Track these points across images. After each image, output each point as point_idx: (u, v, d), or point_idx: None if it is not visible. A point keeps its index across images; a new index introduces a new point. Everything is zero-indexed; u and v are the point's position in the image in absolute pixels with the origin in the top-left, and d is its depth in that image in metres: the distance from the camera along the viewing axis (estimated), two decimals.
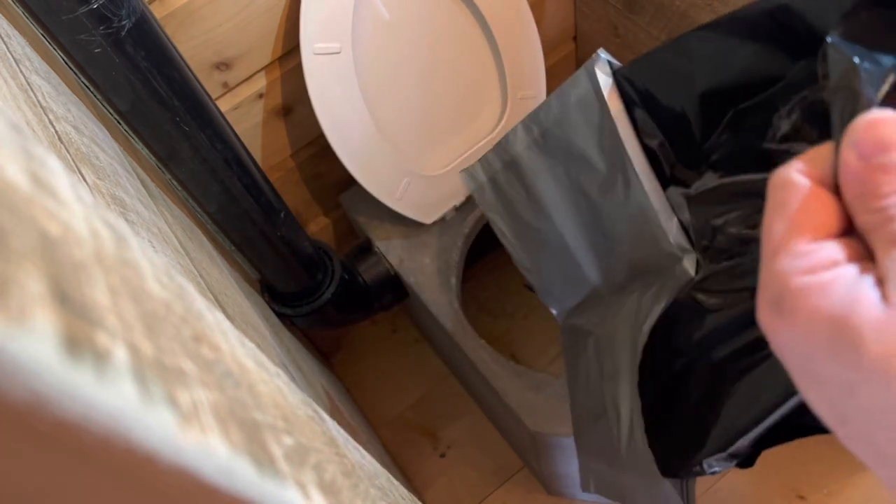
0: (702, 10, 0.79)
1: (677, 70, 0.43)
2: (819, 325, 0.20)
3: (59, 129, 0.30)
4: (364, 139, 0.79)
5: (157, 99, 0.50)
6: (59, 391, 0.09)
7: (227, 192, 0.61)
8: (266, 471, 0.14)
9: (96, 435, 0.10)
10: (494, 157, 0.57)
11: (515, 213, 0.58)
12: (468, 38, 0.85)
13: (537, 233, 0.57)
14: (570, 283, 0.59)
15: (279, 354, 0.54)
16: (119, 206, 0.31)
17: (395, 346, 1.15)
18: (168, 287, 0.15)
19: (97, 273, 0.11)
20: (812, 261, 0.21)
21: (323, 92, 0.74)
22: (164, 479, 0.11)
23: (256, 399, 0.17)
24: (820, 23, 0.34)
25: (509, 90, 0.89)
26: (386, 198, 0.84)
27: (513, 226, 0.59)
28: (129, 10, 0.44)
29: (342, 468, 0.23)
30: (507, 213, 0.59)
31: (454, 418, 1.07)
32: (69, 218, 0.11)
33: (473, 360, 0.81)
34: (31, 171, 0.11)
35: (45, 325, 0.09)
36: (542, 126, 0.52)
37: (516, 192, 0.57)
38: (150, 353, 0.11)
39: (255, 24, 0.72)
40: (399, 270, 0.89)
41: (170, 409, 0.11)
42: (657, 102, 0.45)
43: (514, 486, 1.00)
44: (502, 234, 0.60)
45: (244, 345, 0.20)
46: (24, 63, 0.33)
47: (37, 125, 0.26)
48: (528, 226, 0.58)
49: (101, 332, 0.10)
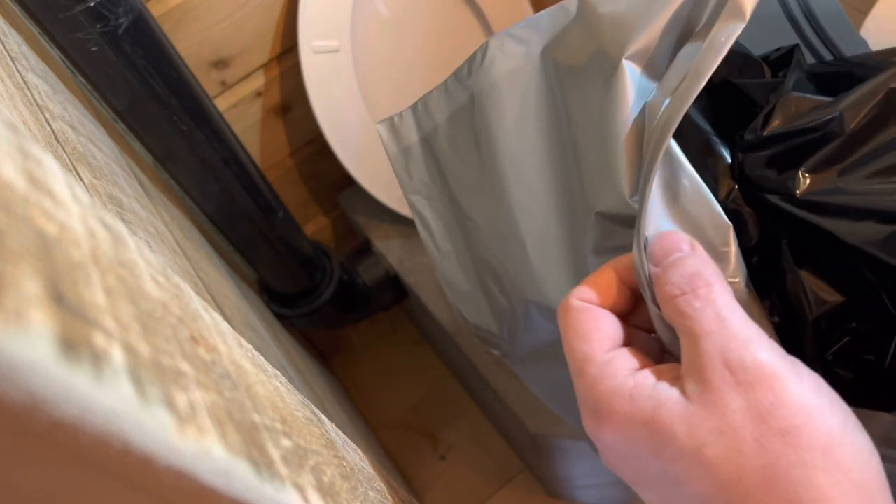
0: None
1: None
2: (635, 426, 0.22)
3: (55, 127, 0.30)
4: (363, 138, 0.79)
5: (155, 97, 0.49)
6: (55, 392, 0.09)
7: (225, 192, 0.61)
8: (264, 473, 0.14)
9: (93, 436, 0.10)
10: (441, 99, 0.42)
11: (453, 194, 0.43)
12: (468, 35, 0.85)
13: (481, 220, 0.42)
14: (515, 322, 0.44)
15: (277, 355, 0.54)
16: (116, 205, 0.31)
17: (394, 347, 1.15)
18: (165, 287, 0.15)
19: (94, 273, 0.11)
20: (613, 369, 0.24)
21: (322, 90, 0.74)
22: (162, 480, 0.11)
23: (254, 401, 0.17)
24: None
25: None
26: (385, 197, 0.84)
27: (445, 216, 0.45)
28: (126, 8, 0.44)
29: (341, 471, 0.23)
30: (440, 194, 0.44)
31: (454, 420, 1.07)
32: (66, 218, 0.11)
33: (474, 361, 0.81)
34: (28, 170, 0.11)
35: (41, 326, 0.09)
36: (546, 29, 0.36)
37: (462, 156, 0.41)
38: (146, 354, 0.11)
39: (253, 21, 0.72)
40: (398, 270, 0.89)
41: (167, 410, 0.11)
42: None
43: (515, 488, 1.00)
44: (426, 231, 0.45)
45: (242, 346, 0.20)
46: (21, 61, 0.33)
47: (33, 124, 0.26)
48: (469, 214, 0.42)
49: (98, 333, 0.10)
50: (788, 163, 0.29)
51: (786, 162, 0.30)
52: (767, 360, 0.21)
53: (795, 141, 0.29)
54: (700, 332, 0.22)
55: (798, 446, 0.20)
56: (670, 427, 0.21)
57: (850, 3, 0.62)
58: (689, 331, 0.23)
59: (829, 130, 0.29)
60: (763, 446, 0.20)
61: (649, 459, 0.22)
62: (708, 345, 0.22)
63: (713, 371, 0.21)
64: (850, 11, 0.62)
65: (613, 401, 0.23)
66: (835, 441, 0.20)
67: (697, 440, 0.21)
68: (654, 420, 0.22)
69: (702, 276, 0.23)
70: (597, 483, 0.90)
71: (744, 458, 0.20)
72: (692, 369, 0.22)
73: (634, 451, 0.23)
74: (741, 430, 0.21)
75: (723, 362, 0.21)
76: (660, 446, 0.22)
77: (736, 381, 0.21)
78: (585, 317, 0.25)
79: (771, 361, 0.21)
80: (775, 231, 0.30)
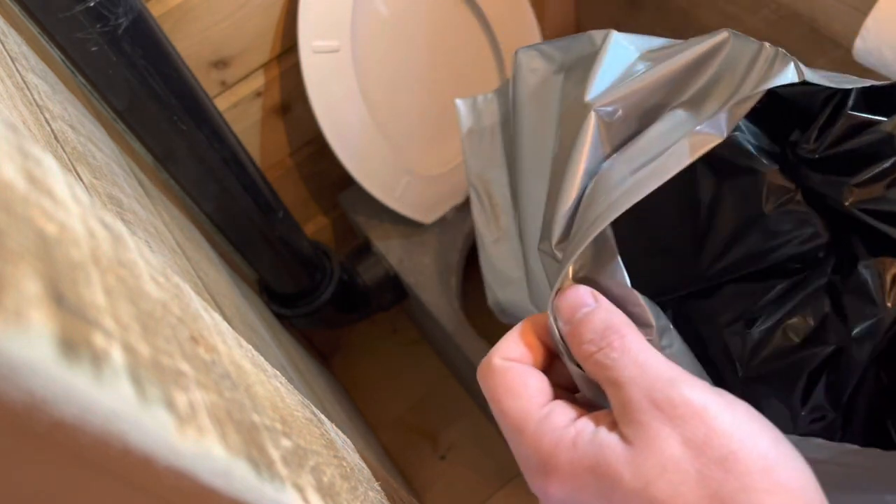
0: (704, 8, 0.79)
1: None
2: (581, 475, 0.23)
3: (55, 127, 0.30)
4: (363, 138, 0.79)
5: (155, 97, 0.49)
6: (55, 392, 0.09)
7: (225, 192, 0.61)
8: (264, 473, 0.14)
9: (93, 436, 0.10)
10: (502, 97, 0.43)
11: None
12: (468, 35, 0.85)
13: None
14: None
15: (277, 355, 0.54)
16: (116, 205, 0.31)
17: (394, 347, 1.15)
18: (165, 287, 0.15)
19: (94, 273, 0.11)
20: (553, 422, 0.24)
21: (322, 90, 0.74)
22: (162, 480, 0.11)
23: (254, 401, 0.17)
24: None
25: None
26: (385, 197, 0.84)
27: (509, 196, 0.45)
28: (126, 8, 0.44)
29: (341, 471, 0.23)
30: (508, 175, 0.45)
31: (454, 420, 1.07)
32: (65, 218, 0.11)
33: (474, 361, 0.81)
34: (28, 170, 0.11)
35: (41, 326, 0.09)
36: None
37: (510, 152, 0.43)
38: (146, 354, 0.11)
39: (253, 21, 0.72)
40: (398, 270, 0.89)
41: (167, 410, 0.11)
42: None
43: (516, 488, 1.00)
44: (483, 213, 0.46)
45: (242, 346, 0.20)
46: (21, 61, 0.33)
47: (33, 124, 0.26)
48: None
49: (98, 333, 0.10)
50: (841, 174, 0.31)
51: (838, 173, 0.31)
52: (693, 395, 0.22)
53: (848, 157, 0.31)
54: (623, 379, 0.23)
55: (738, 472, 0.21)
56: (616, 470, 0.22)
57: (850, 4, 0.62)
58: (612, 381, 0.23)
59: (879, 150, 0.30)
60: (705, 476, 0.21)
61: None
62: (633, 390, 0.23)
63: (644, 412, 0.22)
64: (850, 11, 0.62)
65: (558, 452, 0.23)
66: (772, 462, 0.21)
67: (643, 479, 0.21)
68: (598, 465, 0.22)
69: (612, 328, 0.24)
70: None
71: (689, 491, 0.21)
72: (624, 415, 0.23)
73: (583, 500, 0.23)
74: (682, 463, 0.21)
75: (651, 403, 0.22)
76: (608, 490, 0.22)
77: (667, 418, 0.22)
78: (513, 374, 0.25)
79: (697, 396, 0.22)
80: (841, 229, 0.31)
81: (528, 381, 0.25)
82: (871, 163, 0.30)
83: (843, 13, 0.63)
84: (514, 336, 0.27)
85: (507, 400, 0.25)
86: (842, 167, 0.31)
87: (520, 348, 0.27)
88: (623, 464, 0.22)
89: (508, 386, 0.25)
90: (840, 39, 0.64)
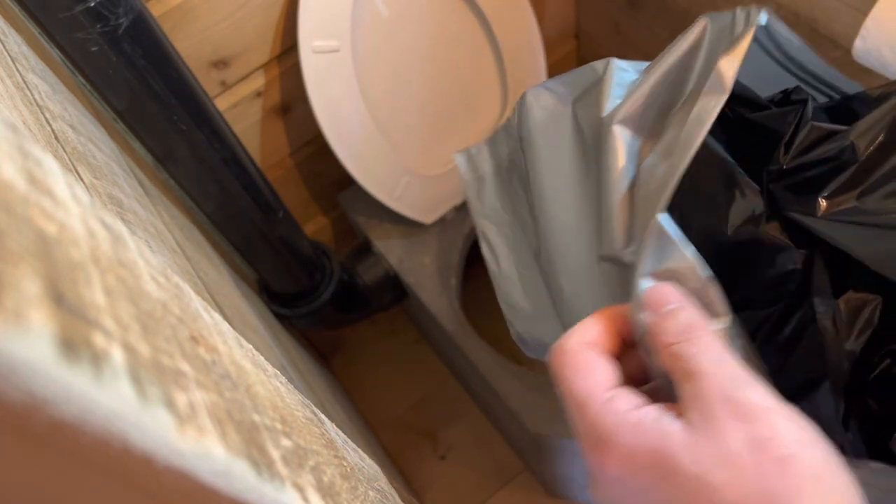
0: (704, 8, 0.79)
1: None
2: (641, 455, 0.24)
3: (55, 127, 0.30)
4: (363, 138, 0.79)
5: (155, 97, 0.49)
6: (55, 392, 0.09)
7: (225, 192, 0.61)
8: (264, 473, 0.14)
9: (93, 436, 0.10)
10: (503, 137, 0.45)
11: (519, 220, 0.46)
12: (468, 35, 0.85)
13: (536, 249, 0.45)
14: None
15: (277, 355, 0.54)
16: (116, 205, 0.31)
17: (394, 348, 1.15)
18: (165, 287, 0.15)
19: (94, 273, 0.11)
20: (617, 405, 0.25)
21: (322, 90, 0.74)
22: (162, 480, 0.11)
23: (254, 401, 0.17)
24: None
25: (510, 88, 0.89)
26: (385, 197, 0.84)
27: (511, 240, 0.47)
28: (126, 8, 0.44)
29: (341, 471, 0.23)
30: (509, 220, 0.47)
31: (454, 420, 1.07)
32: (66, 218, 0.11)
33: (474, 361, 0.81)
34: (28, 170, 0.11)
35: (41, 326, 0.09)
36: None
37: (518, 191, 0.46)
38: (146, 354, 0.11)
39: (253, 21, 0.72)
40: (398, 270, 0.89)
41: (167, 410, 0.11)
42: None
43: (516, 489, 1.00)
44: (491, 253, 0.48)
45: (242, 346, 0.20)
46: (21, 61, 0.33)
47: (33, 124, 0.26)
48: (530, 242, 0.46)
49: (98, 333, 0.10)
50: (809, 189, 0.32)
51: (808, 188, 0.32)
52: (762, 399, 0.24)
53: (814, 171, 0.32)
54: (701, 372, 0.25)
55: (793, 474, 0.22)
56: (677, 455, 0.23)
57: (850, 4, 0.62)
58: (688, 372, 0.25)
59: (843, 160, 0.31)
60: (762, 473, 0.22)
61: (654, 487, 0.24)
62: (709, 382, 0.24)
63: (715, 405, 0.24)
64: (850, 12, 0.62)
65: (620, 432, 0.25)
66: (824, 471, 0.23)
67: (703, 466, 0.23)
68: (660, 448, 0.24)
69: (695, 326, 0.26)
70: None
71: (746, 483, 0.22)
72: (694, 404, 0.24)
73: (638, 480, 0.24)
74: (743, 457, 0.23)
75: (724, 398, 0.24)
76: (666, 472, 0.23)
77: (736, 415, 0.23)
78: (584, 357, 0.27)
79: (766, 400, 0.24)
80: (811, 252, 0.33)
81: (597, 365, 0.27)
82: (838, 173, 0.31)
83: (843, 13, 0.63)
84: (590, 323, 0.29)
85: (575, 380, 0.27)
86: (812, 181, 0.32)
87: (593, 335, 0.28)
88: (685, 450, 0.23)
89: (578, 367, 0.27)
90: (840, 39, 0.64)
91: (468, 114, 0.90)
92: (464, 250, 0.91)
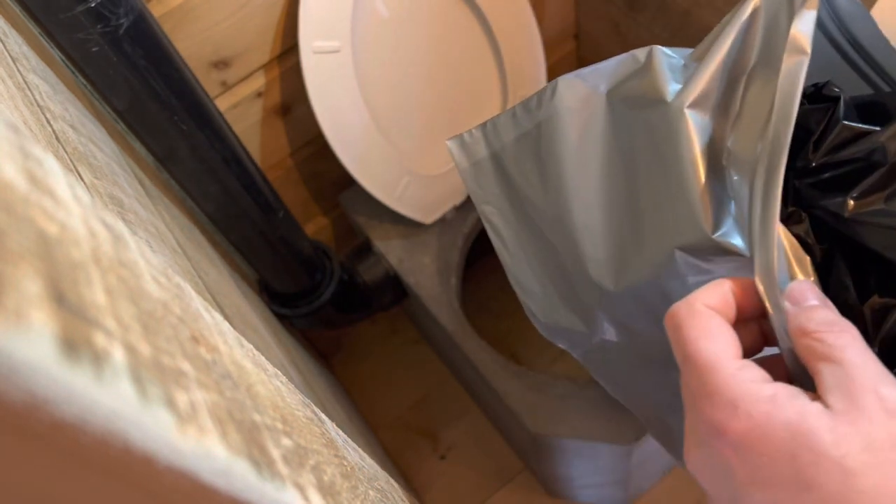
0: (704, 9, 0.79)
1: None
2: (775, 427, 0.24)
3: (56, 128, 0.30)
4: (363, 138, 0.79)
5: (155, 98, 0.49)
6: (56, 392, 0.09)
7: (226, 192, 0.61)
8: (264, 473, 0.14)
9: (94, 436, 0.10)
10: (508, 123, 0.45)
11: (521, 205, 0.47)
12: (468, 35, 0.85)
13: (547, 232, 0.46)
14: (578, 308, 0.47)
15: (278, 355, 0.54)
16: (117, 205, 0.31)
17: (394, 347, 1.15)
18: (166, 287, 0.15)
19: (94, 273, 0.11)
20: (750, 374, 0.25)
21: (322, 91, 0.74)
22: (162, 480, 0.11)
23: (255, 400, 0.17)
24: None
25: (510, 88, 0.89)
26: (385, 197, 0.84)
27: (515, 225, 0.48)
28: (126, 9, 0.44)
29: (341, 470, 0.23)
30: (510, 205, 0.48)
31: (454, 420, 1.07)
32: (66, 218, 0.11)
33: (474, 361, 0.81)
34: (29, 170, 0.11)
35: (42, 326, 0.09)
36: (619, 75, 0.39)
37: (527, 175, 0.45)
38: (147, 353, 0.11)
39: (253, 22, 0.72)
40: (398, 270, 0.89)
41: (167, 410, 0.11)
42: None
43: (515, 488, 1.00)
44: (498, 238, 0.49)
45: (242, 345, 0.20)
46: (22, 62, 0.33)
47: (34, 124, 0.26)
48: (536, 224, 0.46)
49: (99, 333, 0.10)
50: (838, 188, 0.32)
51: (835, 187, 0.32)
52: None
53: (842, 170, 0.32)
54: (849, 361, 0.24)
55: None
56: (817, 433, 0.23)
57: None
58: (835, 359, 0.25)
59: (873, 161, 0.31)
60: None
61: (781, 460, 0.24)
62: (858, 372, 0.24)
63: (864, 394, 0.24)
64: None
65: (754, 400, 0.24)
66: None
67: (842, 449, 0.23)
68: (798, 423, 0.24)
69: (839, 323, 0.26)
70: (596, 483, 0.90)
71: (884, 474, 0.23)
72: (839, 391, 0.24)
73: (763, 450, 0.24)
74: (885, 450, 0.23)
75: (872, 390, 0.24)
76: (800, 449, 0.23)
77: (884, 409, 0.23)
78: (713, 322, 0.27)
79: None
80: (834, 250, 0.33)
81: (725, 331, 0.26)
82: (867, 174, 0.31)
83: None
84: (715, 288, 0.28)
85: (703, 341, 0.26)
86: (840, 180, 0.32)
87: (717, 300, 0.27)
88: (826, 430, 0.23)
89: (706, 329, 0.26)
90: None
91: (468, 114, 0.90)
92: (464, 250, 0.91)
